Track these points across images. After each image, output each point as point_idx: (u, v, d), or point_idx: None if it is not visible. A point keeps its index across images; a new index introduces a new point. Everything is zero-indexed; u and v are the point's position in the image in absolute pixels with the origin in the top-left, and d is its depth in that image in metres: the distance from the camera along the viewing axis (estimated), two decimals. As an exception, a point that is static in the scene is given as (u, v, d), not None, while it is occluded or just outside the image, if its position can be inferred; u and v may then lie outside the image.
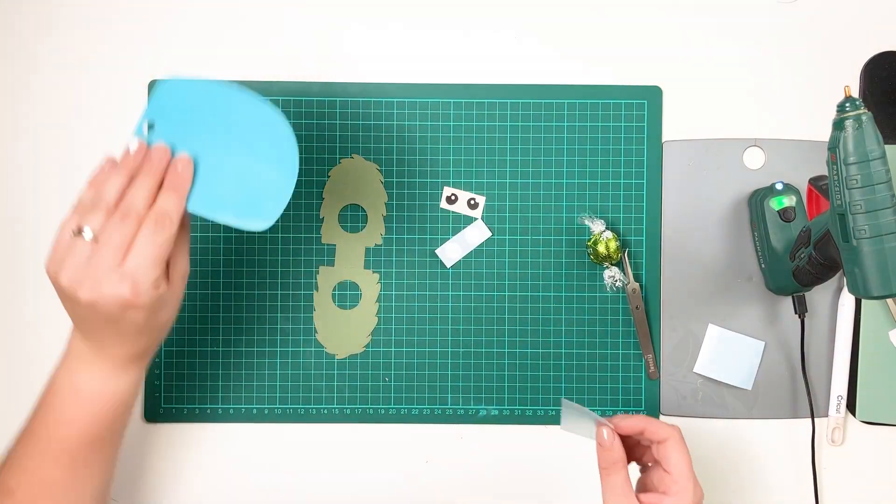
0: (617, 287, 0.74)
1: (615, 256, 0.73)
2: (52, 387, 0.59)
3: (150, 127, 0.57)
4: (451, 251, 0.73)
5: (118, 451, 0.62)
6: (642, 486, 0.60)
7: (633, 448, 0.61)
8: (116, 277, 0.52)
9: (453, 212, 0.72)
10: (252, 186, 0.57)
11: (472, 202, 0.73)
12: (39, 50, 0.76)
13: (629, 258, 0.75)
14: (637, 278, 0.75)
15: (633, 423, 0.58)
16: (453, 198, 0.73)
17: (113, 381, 0.58)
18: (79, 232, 0.53)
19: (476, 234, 0.72)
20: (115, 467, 0.62)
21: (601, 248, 0.72)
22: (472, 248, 0.73)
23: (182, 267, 0.57)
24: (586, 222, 0.74)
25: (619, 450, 0.57)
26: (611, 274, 0.74)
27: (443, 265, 0.75)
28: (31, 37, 0.76)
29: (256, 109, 0.57)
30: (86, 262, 0.53)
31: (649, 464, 0.61)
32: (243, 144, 0.57)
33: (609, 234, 0.72)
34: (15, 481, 0.58)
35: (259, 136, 0.57)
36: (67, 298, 0.54)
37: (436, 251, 0.74)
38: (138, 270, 0.53)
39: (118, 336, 0.56)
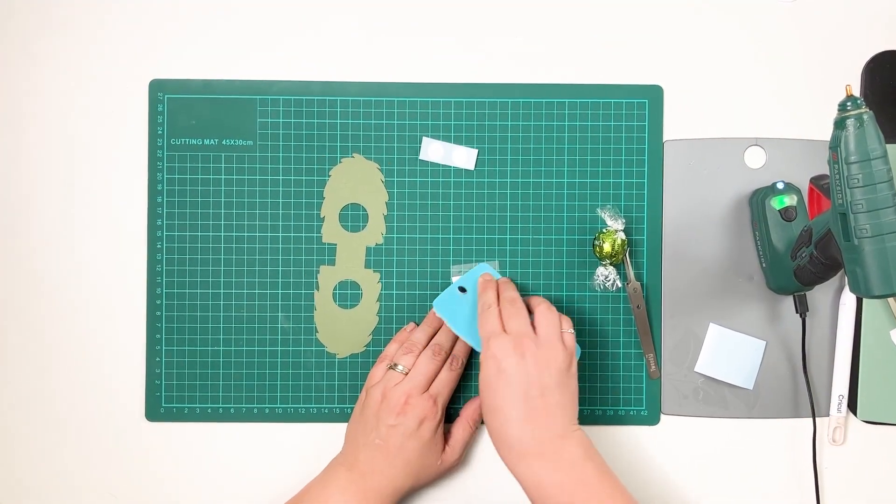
0: (605, 287, 0.74)
1: (617, 257, 0.73)
2: (303, 500, 0.67)
3: (463, 290, 0.72)
4: (434, 150, 0.72)
5: None
6: None
7: None
8: (425, 396, 0.67)
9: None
10: None
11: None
12: (39, 50, 0.76)
13: (630, 257, 0.75)
14: (638, 277, 0.75)
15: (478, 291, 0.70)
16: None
17: None
18: (394, 367, 0.69)
19: (462, 157, 0.72)
20: None
21: (607, 247, 0.72)
22: (451, 164, 0.73)
23: (462, 436, 0.71)
24: (606, 216, 0.73)
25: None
26: (605, 273, 0.73)
27: (444, 264, 0.75)
28: (31, 37, 0.76)
29: None
30: (398, 384, 0.67)
31: None
32: None
33: (623, 235, 0.72)
34: None
35: None
36: (373, 416, 0.67)
37: (424, 138, 0.73)
38: (441, 393, 0.68)
39: (388, 460, 0.66)
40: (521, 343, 0.64)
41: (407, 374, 0.68)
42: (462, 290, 0.72)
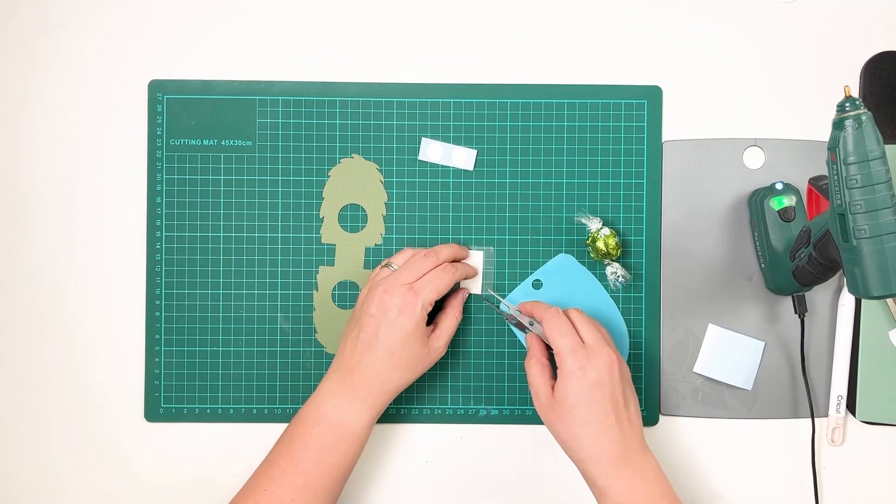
0: (620, 283, 0.74)
1: (615, 252, 0.73)
2: (299, 415, 0.68)
3: (537, 286, 0.74)
4: (433, 150, 0.73)
5: (340, 492, 0.68)
6: None
7: None
8: (406, 287, 0.66)
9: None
10: None
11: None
12: (39, 50, 0.76)
13: (629, 258, 0.75)
14: (637, 278, 0.75)
15: (526, 307, 0.69)
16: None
17: (352, 414, 0.66)
18: (388, 265, 0.70)
19: (462, 158, 0.73)
20: None
21: (600, 245, 0.72)
22: (450, 165, 0.73)
23: (448, 327, 0.70)
24: (583, 221, 0.74)
25: (535, 344, 0.68)
26: (612, 270, 0.74)
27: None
28: (31, 37, 0.76)
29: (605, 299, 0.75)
30: (383, 279, 0.68)
31: None
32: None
33: (607, 230, 0.73)
34: (252, 500, 0.65)
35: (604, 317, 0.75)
36: (358, 310, 0.68)
37: (423, 138, 0.74)
38: (424, 288, 0.67)
39: (371, 351, 0.66)
40: (609, 356, 0.63)
41: None
42: (536, 285, 0.73)
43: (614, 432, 0.62)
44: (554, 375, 0.65)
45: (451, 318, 0.71)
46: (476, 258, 0.74)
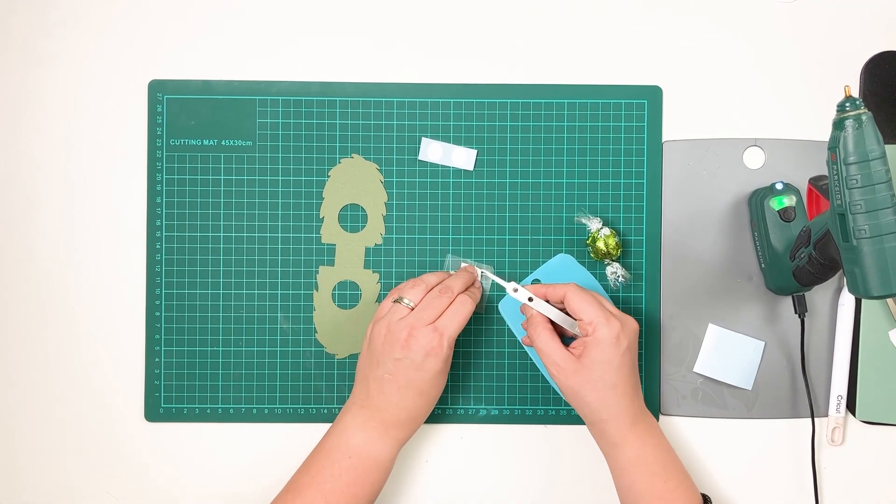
0: (619, 283, 0.74)
1: (615, 252, 0.73)
2: (325, 447, 0.68)
3: (537, 282, 0.74)
4: (433, 150, 0.72)
5: None
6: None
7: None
8: (430, 329, 0.66)
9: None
10: None
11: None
12: (39, 50, 0.76)
13: (629, 257, 0.75)
14: (637, 278, 0.75)
15: (536, 290, 0.69)
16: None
17: (384, 447, 0.67)
18: (399, 300, 0.68)
19: (462, 158, 0.73)
20: None
21: (601, 245, 0.72)
22: (450, 165, 0.73)
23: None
24: (583, 221, 0.74)
25: (537, 314, 0.68)
26: (612, 270, 0.74)
27: (442, 266, 0.75)
28: (32, 37, 0.76)
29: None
30: (403, 318, 0.66)
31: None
32: None
33: (607, 230, 0.73)
34: None
35: None
36: (379, 350, 0.67)
37: (423, 138, 0.74)
38: (448, 326, 0.66)
39: (400, 393, 0.66)
40: (635, 324, 0.67)
41: (413, 308, 0.67)
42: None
43: (634, 394, 0.66)
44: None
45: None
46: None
